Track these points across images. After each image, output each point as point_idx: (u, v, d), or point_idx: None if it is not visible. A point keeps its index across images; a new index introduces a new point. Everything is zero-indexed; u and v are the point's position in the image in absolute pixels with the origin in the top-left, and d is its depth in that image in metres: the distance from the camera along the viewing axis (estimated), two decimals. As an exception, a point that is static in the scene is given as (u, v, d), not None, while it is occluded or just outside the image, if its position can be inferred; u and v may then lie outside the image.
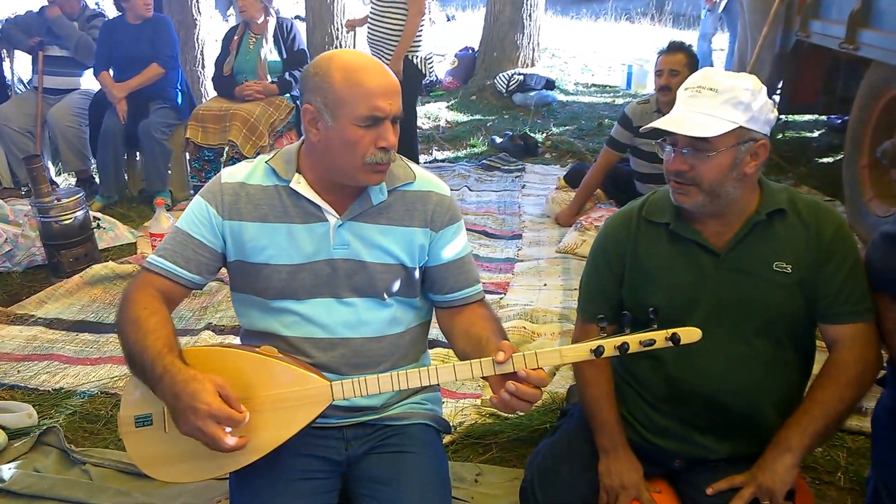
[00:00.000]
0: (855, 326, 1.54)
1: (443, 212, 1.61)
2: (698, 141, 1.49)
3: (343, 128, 1.44)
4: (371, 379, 1.45)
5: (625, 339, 1.37)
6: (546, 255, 3.87)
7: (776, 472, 1.54)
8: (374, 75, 1.44)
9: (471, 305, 1.65)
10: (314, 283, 1.55)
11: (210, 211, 1.55)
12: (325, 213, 1.54)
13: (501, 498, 1.96)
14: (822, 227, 1.54)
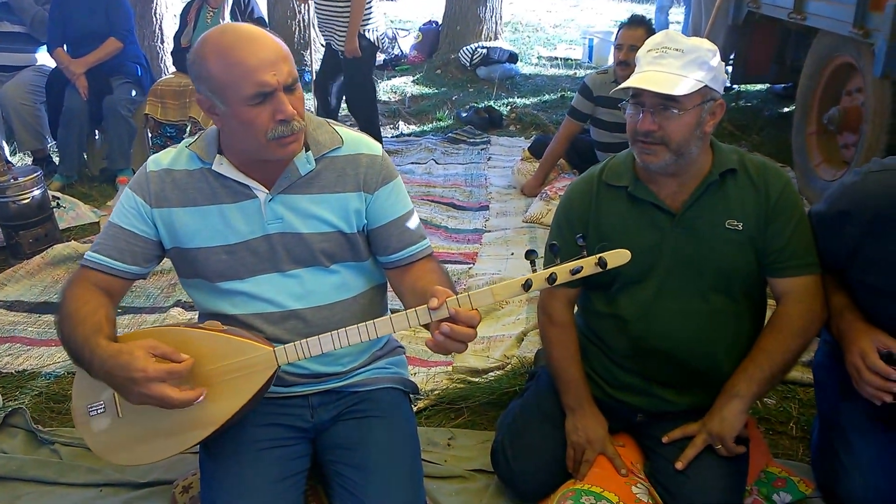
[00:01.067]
0: (801, 279, 1.63)
1: (375, 172, 1.58)
2: (668, 100, 1.54)
3: (236, 111, 1.41)
4: (313, 340, 1.45)
5: (553, 269, 1.36)
6: (513, 226, 3.93)
7: (725, 419, 1.63)
8: (250, 50, 1.38)
9: (418, 262, 1.63)
10: (254, 260, 1.55)
11: (138, 201, 1.55)
12: (254, 189, 1.53)
13: (474, 460, 2.02)
14: (769, 186, 1.62)
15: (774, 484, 1.81)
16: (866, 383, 1.48)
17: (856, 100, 3.72)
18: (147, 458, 1.51)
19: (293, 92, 1.43)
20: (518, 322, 2.84)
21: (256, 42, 1.39)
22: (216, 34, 1.43)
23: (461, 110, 6.07)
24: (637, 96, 1.58)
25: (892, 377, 1.44)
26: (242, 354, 1.47)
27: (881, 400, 1.47)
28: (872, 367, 1.46)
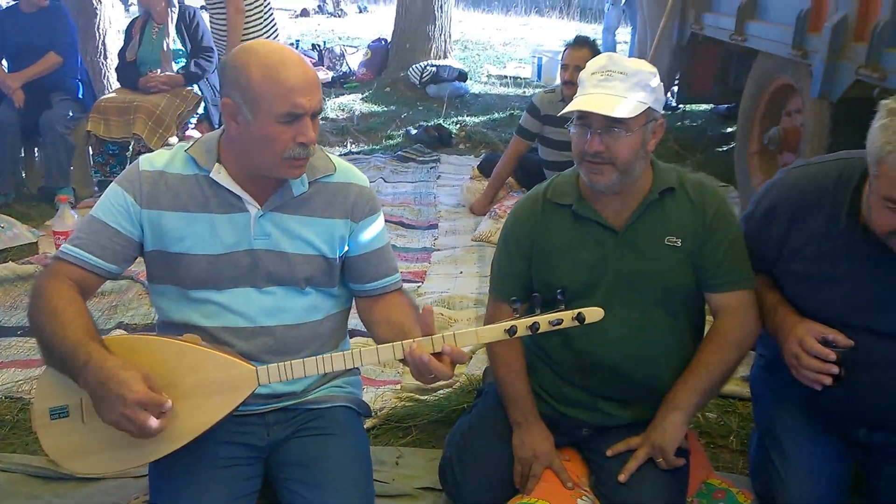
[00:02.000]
0: (736, 294, 1.68)
1: (363, 203, 1.64)
2: (614, 122, 1.57)
3: (262, 123, 1.44)
4: (297, 363, 1.47)
5: (535, 319, 1.45)
6: (462, 244, 3.95)
7: (666, 430, 1.66)
8: (294, 71, 1.43)
9: (390, 294, 1.69)
10: (234, 273, 1.56)
11: (128, 199, 1.53)
12: (247, 203, 1.55)
13: (422, 478, 2.02)
14: (706, 204, 1.67)
15: (715, 496, 1.84)
16: (806, 368, 1.52)
17: (795, 120, 3.86)
18: (106, 467, 1.48)
19: (315, 120, 1.49)
20: (467, 340, 2.85)
21: (299, 66, 1.45)
22: (266, 48, 1.48)
23: (411, 128, 6.10)
24: (584, 118, 1.61)
25: (830, 358, 1.48)
26: (223, 371, 1.46)
27: (821, 384, 1.51)
28: (811, 350, 1.51)
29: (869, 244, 1.52)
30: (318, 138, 1.58)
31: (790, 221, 1.62)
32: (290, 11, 13.30)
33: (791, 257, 1.64)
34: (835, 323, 1.56)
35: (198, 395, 1.45)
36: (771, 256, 1.69)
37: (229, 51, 4.17)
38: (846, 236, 1.56)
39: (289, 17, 12.73)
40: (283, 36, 10.00)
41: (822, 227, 1.59)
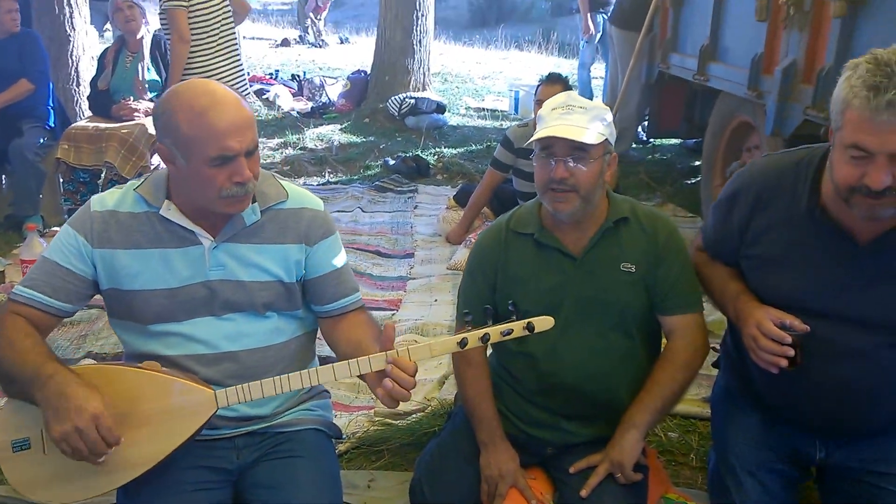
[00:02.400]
0: (686, 317, 1.80)
1: (317, 226, 1.68)
2: (578, 150, 1.70)
3: (196, 167, 1.48)
4: (255, 385, 1.51)
5: (486, 330, 1.50)
6: (437, 273, 4.05)
7: (624, 448, 1.76)
8: (221, 114, 1.45)
9: (350, 314, 1.73)
10: (192, 304, 1.60)
11: (79, 240, 1.57)
12: (199, 236, 1.59)
13: (394, 500, 2.09)
14: (657, 232, 1.80)
15: (673, 510, 1.94)
16: (763, 350, 1.56)
17: (754, 155, 4.03)
18: (72, 496, 1.51)
19: (252, 156, 1.52)
20: (440, 366, 2.93)
21: (227, 107, 1.46)
22: (189, 91, 1.49)
23: (389, 159, 6.21)
24: (548, 148, 1.72)
25: (786, 341, 1.52)
26: (182, 395, 1.50)
27: (777, 366, 1.55)
28: (768, 333, 1.54)
29: (828, 227, 1.58)
30: (297, 167, 1.67)
31: (753, 206, 1.68)
32: (270, 41, 13.44)
33: (753, 241, 1.69)
34: (794, 307, 1.59)
35: (158, 422, 1.48)
36: (734, 242, 1.73)
37: (171, 83, 4.17)
38: (806, 219, 1.60)
39: (269, 46, 12.86)
40: (262, 66, 10.17)
41: (783, 211, 1.64)
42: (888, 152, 1.38)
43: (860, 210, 1.46)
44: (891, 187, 1.40)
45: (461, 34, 16.44)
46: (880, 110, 1.35)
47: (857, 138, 1.40)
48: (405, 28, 7.74)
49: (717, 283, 1.76)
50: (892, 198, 1.42)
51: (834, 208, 1.57)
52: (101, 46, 5.73)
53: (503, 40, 14.69)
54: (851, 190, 1.45)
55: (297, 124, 7.35)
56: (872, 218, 1.48)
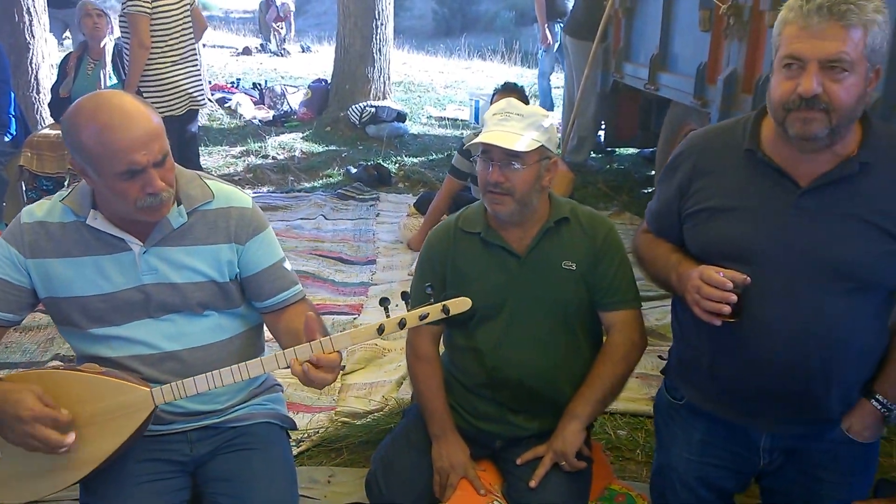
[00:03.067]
0: (623, 313, 1.90)
1: (245, 224, 1.70)
2: (513, 156, 1.79)
3: (107, 182, 1.51)
4: (188, 381, 1.56)
5: (403, 315, 1.55)
6: (398, 279, 4.12)
7: (566, 438, 1.85)
8: (122, 131, 1.46)
9: (291, 306, 1.76)
10: (128, 308, 1.64)
11: (12, 251, 1.61)
12: (128, 242, 1.62)
13: (352, 494, 2.16)
14: (596, 231, 1.90)
15: (616, 499, 2.04)
16: (707, 298, 1.52)
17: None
18: (26, 496, 1.56)
19: (163, 165, 1.53)
20: (399, 368, 3.00)
21: (129, 121, 1.47)
22: (91, 107, 1.49)
23: (351, 167, 6.27)
24: (487, 152, 1.82)
25: (728, 287, 1.51)
26: (120, 395, 1.55)
27: (720, 314, 1.54)
28: (710, 280, 1.52)
29: (769, 170, 1.59)
30: (259, 175, 1.73)
31: (693, 167, 1.70)
32: (232, 49, 13.42)
33: (695, 198, 1.68)
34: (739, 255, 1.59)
35: (101, 421, 1.53)
36: (676, 205, 1.73)
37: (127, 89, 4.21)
38: (747, 164, 1.61)
39: (231, 55, 12.84)
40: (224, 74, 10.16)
41: (724, 161, 1.66)
42: (819, 58, 1.43)
43: (794, 128, 1.49)
44: (820, 97, 1.44)
45: (425, 43, 16.58)
46: (811, 14, 1.42)
47: (791, 48, 1.46)
48: (364, 36, 7.81)
49: (660, 259, 1.77)
50: (822, 112, 1.46)
51: (774, 153, 1.60)
52: (61, 54, 5.71)
53: (466, 50, 14.84)
54: (786, 108, 1.48)
55: (258, 132, 7.38)
56: (806, 136, 1.49)
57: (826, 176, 1.55)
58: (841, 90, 1.45)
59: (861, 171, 1.53)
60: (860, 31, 1.43)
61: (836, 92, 1.45)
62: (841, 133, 1.51)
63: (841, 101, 1.45)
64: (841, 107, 1.46)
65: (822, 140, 1.50)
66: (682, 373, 1.85)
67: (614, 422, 2.58)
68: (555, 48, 7.85)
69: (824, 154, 1.54)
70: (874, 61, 1.48)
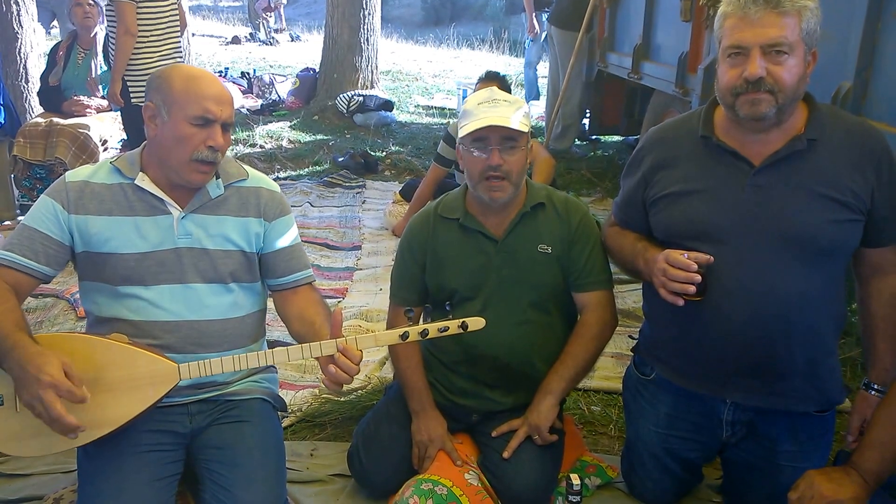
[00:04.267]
0: (596, 294, 1.98)
1: (274, 205, 1.86)
2: (509, 140, 1.86)
3: (176, 124, 1.68)
4: (216, 361, 1.67)
5: (426, 326, 1.67)
6: (383, 264, 4.18)
7: (541, 412, 1.93)
8: (210, 84, 1.70)
9: (302, 288, 1.90)
10: (160, 269, 1.75)
11: (56, 207, 1.72)
12: (169, 206, 1.76)
13: (334, 466, 2.22)
14: (570, 216, 1.98)
15: (587, 470, 2.12)
16: (672, 279, 1.61)
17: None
18: (40, 450, 1.64)
19: (227, 132, 1.73)
20: (382, 349, 3.07)
21: (217, 84, 1.73)
22: (189, 67, 1.79)
23: (338, 155, 6.32)
24: (483, 139, 1.87)
25: (692, 268, 1.60)
26: (147, 365, 1.64)
27: (686, 293, 1.61)
28: (675, 262, 1.61)
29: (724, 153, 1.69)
30: (247, 164, 1.83)
31: (655, 157, 1.80)
32: (221, 38, 13.39)
33: (658, 186, 1.78)
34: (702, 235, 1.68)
35: (123, 389, 1.62)
36: (640, 195, 1.82)
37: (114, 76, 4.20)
38: (703, 149, 1.71)
39: (220, 44, 12.82)
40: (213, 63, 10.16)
41: (682, 149, 1.75)
42: (760, 44, 1.55)
43: (743, 110, 1.60)
44: (765, 79, 1.56)
45: (414, 33, 16.56)
46: (748, 5, 1.55)
47: (733, 37, 1.58)
48: (352, 26, 7.84)
49: (627, 248, 1.86)
50: (768, 93, 1.57)
51: (727, 137, 1.70)
52: (48, 43, 5.72)
53: (455, 39, 14.85)
54: (735, 94, 1.59)
55: (246, 121, 7.40)
56: (756, 116, 1.60)
57: (777, 154, 1.66)
58: (783, 72, 1.56)
59: (809, 147, 1.64)
60: (795, 18, 1.55)
61: (779, 73, 1.56)
62: (787, 111, 1.62)
63: (784, 81, 1.57)
64: (785, 87, 1.57)
65: (771, 119, 1.61)
66: (651, 350, 1.95)
67: (588, 398, 2.66)
68: (542, 38, 7.89)
69: (774, 133, 1.65)
70: (810, 44, 1.60)
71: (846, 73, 2.62)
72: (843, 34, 2.62)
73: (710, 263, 1.62)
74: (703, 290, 1.63)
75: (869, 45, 2.54)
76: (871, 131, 1.70)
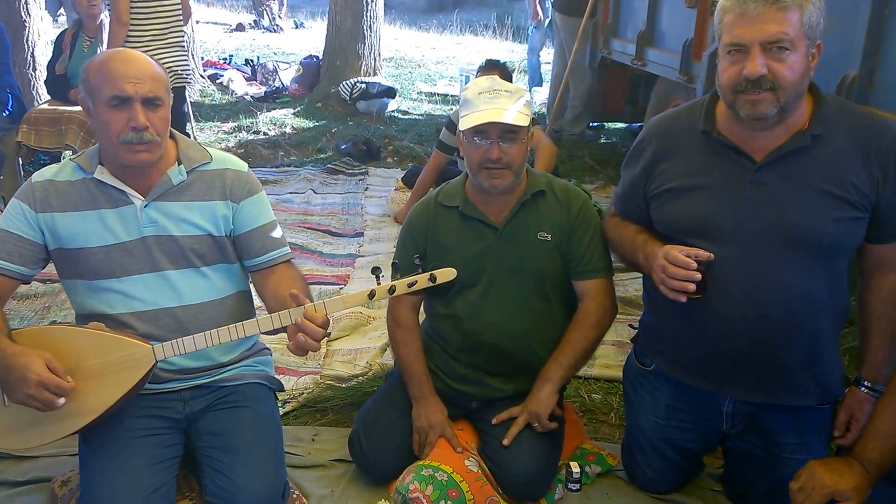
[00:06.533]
0: (596, 281, 1.98)
1: (241, 185, 1.83)
2: (511, 131, 1.85)
3: (99, 111, 1.67)
4: (188, 339, 1.68)
5: (393, 283, 1.66)
6: (385, 251, 4.17)
7: (540, 399, 1.94)
8: (122, 63, 1.66)
9: (279, 266, 1.87)
10: (129, 260, 1.75)
11: (24, 207, 1.74)
12: (130, 196, 1.75)
13: (335, 451, 2.23)
14: (570, 203, 1.97)
15: (587, 457, 2.13)
16: (672, 277, 1.59)
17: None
18: (31, 442, 1.67)
19: (154, 109, 1.67)
20: (383, 335, 3.06)
21: (129, 60, 1.68)
22: (109, 52, 1.74)
23: (340, 142, 6.31)
24: (483, 131, 1.86)
25: (692, 266, 1.59)
26: (123, 350, 1.66)
27: (685, 291, 1.59)
28: (675, 261, 1.59)
29: (725, 148, 1.64)
30: (251, 151, 1.81)
31: (655, 151, 1.77)
32: (225, 26, 13.34)
33: (659, 180, 1.76)
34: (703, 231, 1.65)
35: (102, 375, 1.64)
36: (641, 189, 1.80)
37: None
38: (704, 144, 1.68)
39: (224, 31, 12.77)
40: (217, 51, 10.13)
41: (683, 144, 1.73)
42: (760, 40, 1.50)
43: (744, 109, 1.56)
44: (765, 77, 1.51)
45: (417, 19, 16.45)
46: (747, 1, 1.49)
47: (733, 35, 1.53)
48: (355, 13, 7.81)
49: (627, 241, 1.85)
50: (769, 91, 1.53)
51: (729, 132, 1.66)
52: (55, 31, 5.72)
53: (458, 25, 14.75)
54: (735, 91, 1.55)
55: (250, 108, 7.39)
56: (757, 116, 1.56)
57: (779, 150, 1.62)
58: (785, 69, 1.51)
59: (813, 142, 1.60)
60: (796, 12, 1.50)
61: (780, 71, 1.51)
62: (790, 109, 1.58)
63: (786, 79, 1.52)
64: (787, 84, 1.53)
65: (772, 118, 1.57)
66: (651, 341, 1.94)
67: (589, 386, 2.67)
68: (545, 24, 7.86)
69: (777, 129, 1.61)
70: (813, 38, 1.54)
71: (852, 62, 2.60)
72: (849, 22, 2.59)
73: (711, 261, 1.60)
74: (704, 287, 1.61)
75: (875, 33, 2.52)
76: (880, 126, 1.65)
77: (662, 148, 1.77)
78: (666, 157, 1.76)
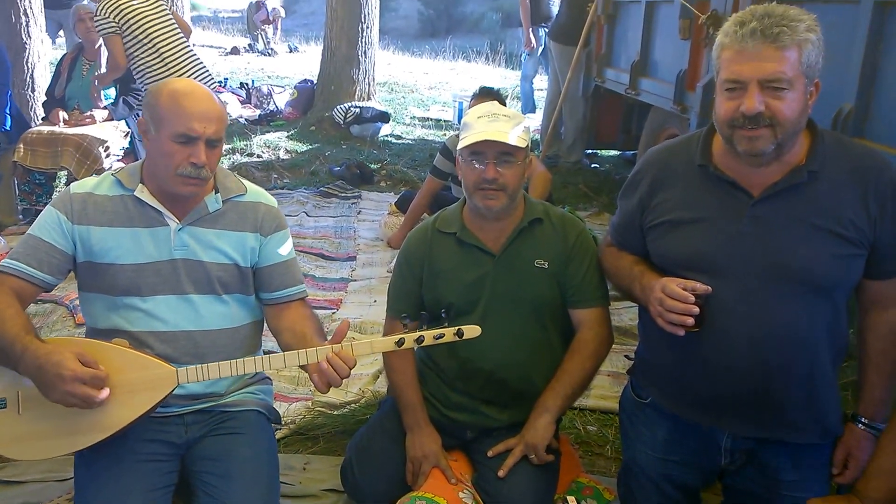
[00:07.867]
0: (592, 311, 1.96)
1: (271, 219, 1.88)
2: (508, 152, 1.86)
3: (162, 140, 1.70)
4: (213, 365, 1.67)
5: (421, 333, 1.68)
6: (377, 275, 4.17)
7: (537, 430, 1.91)
8: (195, 102, 1.70)
9: (294, 303, 1.91)
10: (156, 280, 1.76)
11: (60, 217, 1.74)
12: (166, 218, 1.77)
13: (326, 481, 2.20)
14: (567, 232, 1.96)
15: (583, 492, 2.09)
16: (670, 310, 1.57)
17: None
18: (41, 454, 1.64)
19: (214, 148, 1.74)
20: (376, 362, 3.04)
21: (202, 100, 1.72)
22: (181, 82, 1.78)
23: (334, 166, 6.31)
24: (480, 153, 1.87)
25: (690, 300, 1.56)
26: (147, 370, 1.65)
27: (684, 325, 1.57)
28: (672, 294, 1.57)
29: (722, 182, 1.64)
30: (244, 173, 1.82)
31: (651, 183, 1.76)
32: (220, 49, 13.40)
33: (655, 212, 1.74)
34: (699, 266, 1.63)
35: (123, 392, 1.62)
36: (637, 220, 1.78)
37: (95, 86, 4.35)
38: (701, 178, 1.66)
39: (219, 54, 12.82)
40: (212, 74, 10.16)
41: (680, 177, 1.71)
42: (758, 78, 1.49)
43: (741, 145, 1.55)
44: (763, 114, 1.50)
45: (410, 44, 16.61)
46: (746, 38, 1.48)
47: (730, 70, 1.52)
48: (350, 39, 7.87)
49: (623, 271, 1.83)
50: (766, 128, 1.51)
51: (725, 166, 1.65)
52: (55, 53, 5.74)
53: (451, 51, 14.88)
54: (732, 126, 1.53)
55: (244, 131, 7.40)
56: (754, 152, 1.55)
57: (776, 185, 1.60)
58: (783, 106, 1.50)
59: (809, 178, 1.59)
60: (795, 51, 1.49)
61: (778, 108, 1.50)
62: (787, 146, 1.57)
63: (784, 116, 1.51)
64: (784, 121, 1.52)
65: (770, 155, 1.56)
66: (647, 374, 1.91)
67: (584, 418, 2.64)
68: (538, 52, 7.93)
69: (774, 165, 1.60)
70: (811, 76, 1.54)
71: (847, 95, 2.62)
72: (844, 55, 2.61)
73: (709, 294, 1.59)
74: (701, 321, 1.59)
75: (870, 67, 2.54)
76: (877, 162, 1.64)
77: (659, 179, 1.76)
78: (662, 189, 1.75)
